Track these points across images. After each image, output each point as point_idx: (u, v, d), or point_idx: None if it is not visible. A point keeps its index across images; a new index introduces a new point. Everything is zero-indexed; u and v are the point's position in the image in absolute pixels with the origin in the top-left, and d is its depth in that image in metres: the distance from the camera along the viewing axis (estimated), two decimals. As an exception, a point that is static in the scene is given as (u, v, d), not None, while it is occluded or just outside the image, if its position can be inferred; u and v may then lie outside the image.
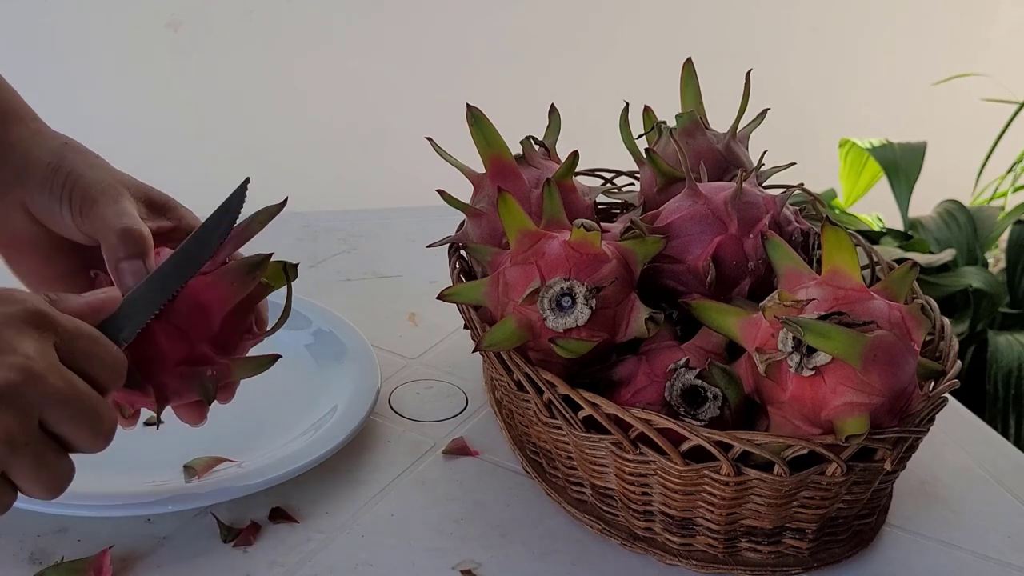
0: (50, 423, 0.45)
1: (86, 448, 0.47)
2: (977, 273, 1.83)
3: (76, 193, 0.58)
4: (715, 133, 0.81)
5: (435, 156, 0.78)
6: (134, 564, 0.63)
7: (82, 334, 0.48)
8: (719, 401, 0.63)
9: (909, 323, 0.60)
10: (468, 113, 0.75)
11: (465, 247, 0.77)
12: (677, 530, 0.65)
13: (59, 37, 2.09)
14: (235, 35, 2.22)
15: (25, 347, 0.44)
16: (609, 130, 0.87)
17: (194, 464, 0.69)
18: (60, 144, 0.61)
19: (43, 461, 0.44)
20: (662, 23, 2.43)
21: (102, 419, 0.47)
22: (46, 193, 0.58)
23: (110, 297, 0.52)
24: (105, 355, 0.48)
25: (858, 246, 0.76)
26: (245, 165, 2.12)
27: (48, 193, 0.58)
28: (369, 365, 0.81)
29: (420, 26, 2.31)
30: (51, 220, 0.59)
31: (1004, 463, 0.82)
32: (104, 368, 0.48)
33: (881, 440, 0.59)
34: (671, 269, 0.70)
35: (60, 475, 0.46)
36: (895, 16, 2.62)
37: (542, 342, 0.64)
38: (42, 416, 0.44)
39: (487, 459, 0.76)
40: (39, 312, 0.46)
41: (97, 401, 0.46)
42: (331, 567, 0.64)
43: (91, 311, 0.50)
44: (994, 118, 2.24)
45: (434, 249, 0.80)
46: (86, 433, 0.46)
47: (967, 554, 0.71)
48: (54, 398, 0.44)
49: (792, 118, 2.09)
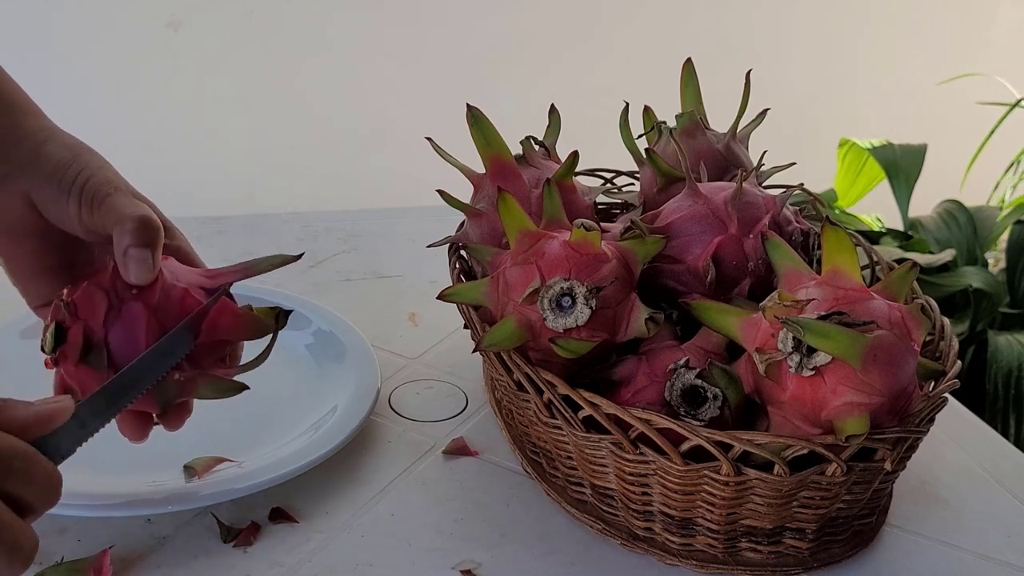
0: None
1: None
2: (977, 273, 1.83)
3: (88, 187, 0.58)
4: (715, 133, 0.81)
5: (435, 156, 0.78)
6: (134, 564, 0.63)
7: (16, 455, 0.46)
8: (719, 401, 0.63)
9: (909, 323, 0.60)
10: (468, 113, 0.75)
11: (465, 247, 0.77)
12: (677, 530, 0.65)
13: (59, 37, 2.09)
14: (235, 35, 2.22)
15: None
16: (609, 130, 0.87)
17: (194, 464, 0.69)
18: (75, 143, 0.61)
19: None
20: (662, 23, 2.43)
21: (21, 549, 0.45)
22: (54, 185, 0.58)
23: (62, 407, 0.49)
24: (40, 476, 0.47)
25: (858, 246, 0.76)
26: (245, 165, 2.11)
27: (57, 185, 0.58)
28: (369, 365, 0.81)
29: (420, 26, 2.31)
30: (54, 212, 0.59)
31: (1004, 463, 0.82)
32: (38, 490, 0.46)
33: (881, 440, 0.59)
34: (671, 269, 0.70)
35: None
36: (895, 16, 2.62)
37: (542, 342, 0.64)
38: None
39: (487, 459, 0.76)
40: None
41: (16, 532, 0.45)
42: (331, 567, 0.64)
43: (39, 422, 0.48)
44: (995, 119, 2.24)
45: (434, 249, 0.80)
46: (1, 563, 0.45)
47: (967, 554, 0.71)
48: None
49: (792, 118, 2.09)
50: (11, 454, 0.45)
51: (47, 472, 0.47)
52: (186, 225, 0.65)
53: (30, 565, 0.46)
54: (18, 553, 0.45)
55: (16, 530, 0.45)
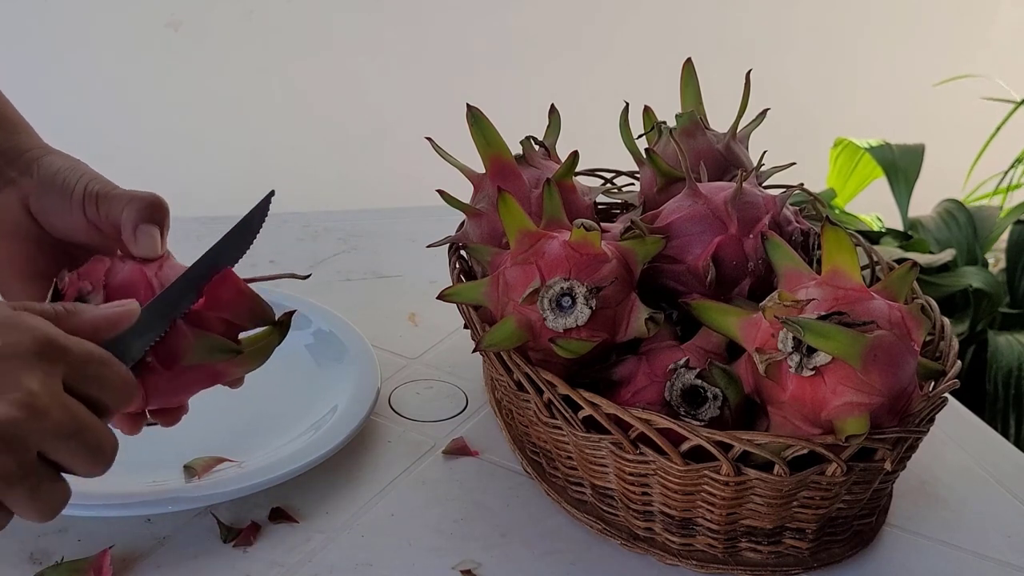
0: (49, 455, 0.45)
1: (84, 475, 0.47)
2: (977, 273, 1.83)
3: (91, 186, 0.61)
4: (715, 133, 0.81)
5: (435, 156, 0.78)
6: (134, 564, 0.63)
7: (92, 359, 0.47)
8: (719, 401, 0.63)
9: (909, 323, 0.60)
10: (468, 113, 0.75)
11: (465, 247, 0.77)
12: (677, 530, 0.65)
13: (59, 37, 2.09)
14: (235, 35, 2.22)
15: (29, 382, 0.43)
16: (609, 130, 0.87)
17: (194, 464, 0.69)
18: (71, 157, 0.64)
19: (39, 492, 0.44)
20: (662, 23, 2.43)
21: (102, 450, 0.46)
22: (57, 188, 0.61)
23: (128, 310, 0.51)
24: (115, 378, 0.48)
25: (858, 246, 0.76)
26: (245, 165, 2.12)
27: (60, 188, 0.61)
28: (369, 365, 0.81)
29: (420, 26, 2.31)
30: (54, 215, 0.61)
31: (1004, 463, 0.82)
32: (113, 391, 0.48)
33: (881, 440, 0.59)
34: (671, 269, 0.70)
35: (55, 502, 0.46)
36: (895, 16, 2.62)
37: (542, 342, 0.64)
38: (41, 449, 0.44)
39: (487, 459, 0.76)
40: (48, 341, 0.45)
41: (99, 432, 0.46)
42: (331, 567, 0.64)
43: (107, 324, 0.50)
44: (994, 119, 2.24)
45: (434, 249, 0.80)
46: (85, 463, 0.46)
47: (967, 554, 0.71)
48: (54, 433, 0.44)
49: (792, 118, 2.09)
50: (87, 358, 0.47)
51: (121, 375, 0.48)
52: (186, 225, 0.66)
53: (111, 465, 0.47)
54: (100, 454, 0.46)
55: (98, 431, 0.46)
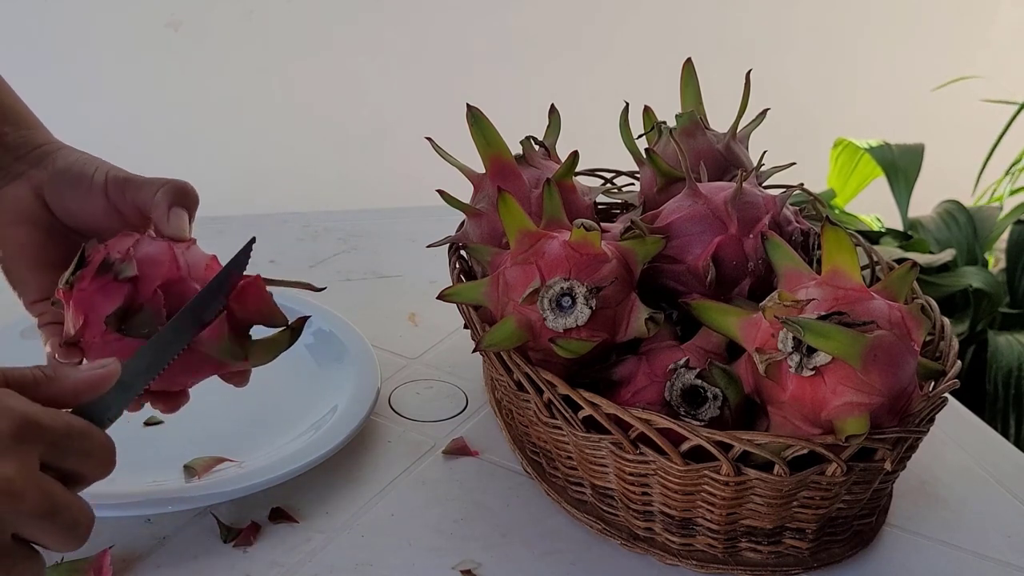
0: (24, 535, 0.45)
1: (60, 551, 0.47)
2: (977, 273, 1.83)
3: (112, 173, 0.62)
4: (715, 133, 0.81)
5: (435, 156, 0.78)
6: (134, 564, 0.63)
7: (72, 433, 0.47)
8: (719, 401, 0.63)
9: (909, 323, 0.60)
10: (468, 113, 0.75)
11: (465, 247, 0.77)
12: (677, 530, 0.65)
13: (59, 37, 2.09)
14: (235, 35, 2.22)
15: (4, 468, 0.43)
16: (609, 130, 0.87)
17: (194, 464, 0.69)
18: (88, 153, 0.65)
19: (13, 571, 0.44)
20: (662, 23, 2.43)
21: (78, 528, 0.46)
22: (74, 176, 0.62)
23: (109, 371, 0.50)
24: (95, 449, 0.47)
25: (858, 246, 0.76)
26: (245, 165, 2.12)
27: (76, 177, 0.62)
28: (369, 365, 0.81)
29: (420, 26, 2.31)
30: (69, 202, 0.63)
31: (1004, 463, 0.82)
32: (92, 463, 0.47)
33: (881, 440, 0.59)
34: (671, 269, 0.70)
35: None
36: (895, 17, 2.62)
37: (542, 342, 0.64)
38: (16, 531, 0.44)
39: (487, 459, 0.76)
40: (25, 423, 0.44)
41: (75, 511, 0.46)
42: (331, 567, 0.64)
43: (88, 388, 0.49)
44: (994, 119, 2.24)
45: (434, 249, 0.80)
46: (61, 542, 0.46)
47: (967, 554, 0.71)
48: (29, 515, 0.44)
49: (792, 118, 2.09)
50: (68, 432, 0.46)
51: (102, 444, 0.48)
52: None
53: (87, 541, 0.47)
54: (75, 532, 0.46)
55: (74, 509, 0.46)
